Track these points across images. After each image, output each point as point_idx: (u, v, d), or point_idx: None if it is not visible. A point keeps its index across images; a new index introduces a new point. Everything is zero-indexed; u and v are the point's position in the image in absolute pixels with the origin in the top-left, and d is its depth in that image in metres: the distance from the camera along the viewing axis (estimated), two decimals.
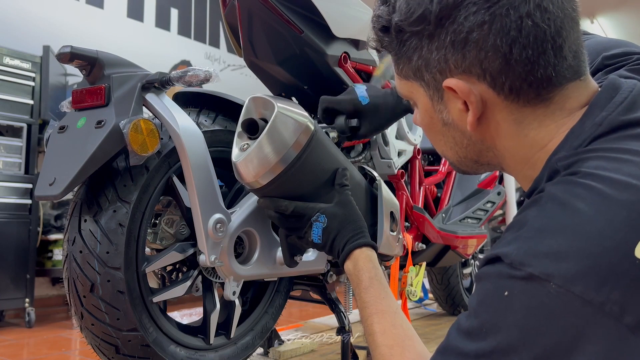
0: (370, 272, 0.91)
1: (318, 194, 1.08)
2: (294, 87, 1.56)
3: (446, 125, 0.74)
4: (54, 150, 1.14)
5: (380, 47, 0.77)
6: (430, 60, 0.69)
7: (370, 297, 0.88)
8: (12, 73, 3.19)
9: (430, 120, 0.76)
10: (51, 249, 3.44)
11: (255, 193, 1.14)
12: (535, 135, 0.68)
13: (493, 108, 0.69)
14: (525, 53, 0.64)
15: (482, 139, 0.72)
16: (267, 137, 1.04)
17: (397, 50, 0.73)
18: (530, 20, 0.63)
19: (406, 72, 0.74)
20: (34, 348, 2.67)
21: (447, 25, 0.66)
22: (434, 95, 0.72)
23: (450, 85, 0.68)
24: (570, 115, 0.67)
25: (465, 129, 0.72)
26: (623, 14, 6.56)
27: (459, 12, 0.64)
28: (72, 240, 1.15)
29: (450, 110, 0.72)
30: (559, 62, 0.65)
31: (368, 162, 1.69)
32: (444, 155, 0.81)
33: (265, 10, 1.37)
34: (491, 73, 0.65)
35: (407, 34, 0.70)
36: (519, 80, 0.65)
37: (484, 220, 2.21)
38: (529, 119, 0.68)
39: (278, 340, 1.77)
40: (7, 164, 3.14)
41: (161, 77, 1.17)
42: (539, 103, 0.67)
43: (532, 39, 0.63)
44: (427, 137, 0.82)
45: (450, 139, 0.76)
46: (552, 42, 0.64)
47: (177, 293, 1.24)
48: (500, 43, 0.64)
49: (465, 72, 0.67)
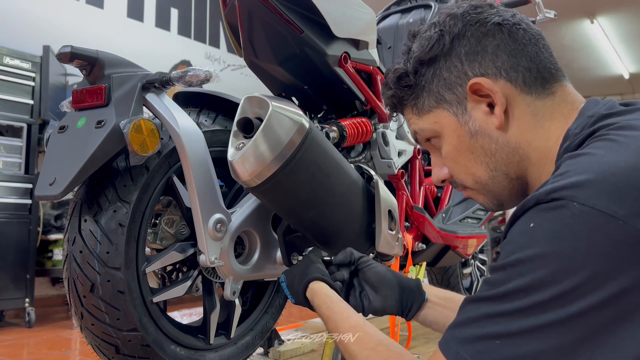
0: (325, 303, 0.96)
1: (316, 193, 1.08)
2: (294, 87, 1.56)
3: (474, 136, 0.79)
4: (54, 150, 1.14)
5: (397, 101, 0.86)
6: (450, 78, 0.79)
7: (333, 324, 0.92)
8: (12, 73, 3.19)
9: (458, 140, 0.81)
10: (51, 249, 3.44)
11: (252, 192, 1.14)
12: (549, 126, 0.77)
13: (513, 103, 0.77)
14: (526, 49, 0.77)
15: (508, 140, 0.78)
16: (262, 135, 1.05)
17: (416, 88, 0.83)
18: (520, 27, 0.79)
19: (428, 104, 0.82)
20: (34, 348, 2.67)
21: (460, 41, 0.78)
22: (458, 109, 0.80)
23: (477, 81, 0.76)
24: (572, 110, 0.77)
25: (492, 132, 0.78)
26: (623, 14, 6.56)
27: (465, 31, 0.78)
28: (72, 240, 1.15)
29: (475, 117, 0.79)
30: (553, 60, 0.79)
31: (368, 162, 1.69)
32: (477, 180, 0.83)
33: (265, 10, 1.37)
34: (505, 69, 0.77)
35: (425, 65, 0.81)
36: (528, 73, 0.77)
37: (484, 220, 2.21)
38: (542, 111, 0.77)
39: (278, 340, 1.77)
40: (7, 164, 3.14)
41: (161, 77, 1.17)
42: (546, 97, 0.77)
43: (527, 39, 0.78)
44: (457, 169, 0.84)
45: (479, 151, 0.80)
46: (542, 42, 0.79)
47: (177, 293, 1.24)
48: (506, 44, 0.77)
49: (484, 75, 0.77)
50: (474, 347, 0.62)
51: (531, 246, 0.60)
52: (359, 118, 1.60)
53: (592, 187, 0.59)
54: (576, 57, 7.50)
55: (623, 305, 0.56)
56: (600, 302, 0.56)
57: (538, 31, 0.80)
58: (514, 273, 0.61)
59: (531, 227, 0.61)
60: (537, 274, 0.59)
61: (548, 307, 0.58)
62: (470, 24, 0.79)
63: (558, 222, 0.59)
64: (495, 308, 0.62)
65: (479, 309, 0.64)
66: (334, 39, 1.46)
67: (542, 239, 0.60)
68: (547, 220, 0.60)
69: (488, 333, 0.61)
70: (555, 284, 0.58)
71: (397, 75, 0.84)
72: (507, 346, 0.60)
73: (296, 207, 1.16)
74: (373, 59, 1.61)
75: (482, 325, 0.62)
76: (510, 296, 0.61)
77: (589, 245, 0.57)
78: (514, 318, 0.60)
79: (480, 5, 0.81)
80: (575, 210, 0.58)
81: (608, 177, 0.59)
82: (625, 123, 0.67)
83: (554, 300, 0.58)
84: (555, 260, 0.58)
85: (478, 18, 0.79)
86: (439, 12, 0.84)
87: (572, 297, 0.57)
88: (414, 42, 0.84)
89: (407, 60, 0.84)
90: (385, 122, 1.68)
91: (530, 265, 0.60)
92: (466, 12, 0.80)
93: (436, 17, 0.83)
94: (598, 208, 0.57)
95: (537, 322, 0.58)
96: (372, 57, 1.61)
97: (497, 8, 0.81)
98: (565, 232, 0.58)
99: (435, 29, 0.81)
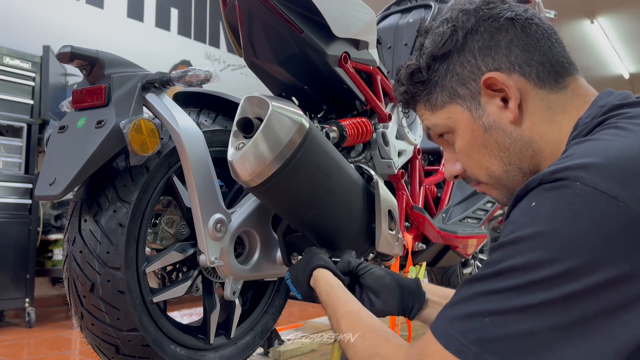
0: (324, 290, 0.97)
1: (316, 193, 1.08)
2: (294, 87, 1.56)
3: (488, 130, 0.79)
4: (54, 150, 1.14)
5: (409, 98, 0.85)
6: (463, 73, 0.80)
7: (331, 310, 0.93)
8: (12, 73, 3.19)
9: (472, 134, 0.81)
10: (51, 249, 3.44)
11: (252, 192, 1.14)
12: (562, 119, 0.77)
13: (526, 97, 0.77)
14: (539, 44, 0.78)
15: (521, 134, 0.78)
16: (262, 135, 1.05)
17: (429, 84, 0.83)
18: (533, 22, 0.79)
19: (441, 99, 0.82)
20: (34, 348, 2.67)
21: (473, 36, 0.79)
22: (472, 104, 0.80)
23: (491, 75, 0.77)
24: (585, 103, 0.77)
25: (506, 127, 0.78)
26: (623, 14, 6.56)
27: (479, 26, 0.79)
28: (72, 240, 1.14)
29: (489, 111, 0.79)
30: (566, 54, 0.80)
31: (368, 162, 1.69)
32: (491, 175, 0.82)
33: (265, 10, 1.37)
34: (518, 63, 0.77)
35: (438, 60, 0.81)
36: (541, 67, 0.77)
37: (484, 220, 2.21)
38: (555, 105, 0.77)
39: (278, 340, 1.77)
40: (7, 164, 3.14)
41: (161, 77, 1.17)
42: (559, 90, 0.78)
43: (540, 34, 0.78)
44: (471, 164, 0.83)
45: (493, 145, 0.80)
46: (554, 36, 0.79)
47: (177, 293, 1.24)
48: (519, 39, 0.78)
49: (497, 69, 0.77)
50: (463, 325, 0.61)
51: (532, 225, 0.60)
52: (359, 118, 1.60)
53: (596, 169, 0.58)
54: (576, 57, 7.32)
55: (620, 291, 0.55)
56: (597, 286, 0.55)
57: (550, 26, 0.80)
58: (511, 251, 0.60)
59: (533, 206, 0.61)
60: (535, 252, 0.58)
61: (543, 287, 0.57)
62: (483, 19, 0.79)
63: (560, 201, 0.58)
64: (489, 286, 0.61)
65: (473, 288, 0.63)
66: (334, 39, 1.46)
67: (543, 218, 0.59)
68: (549, 199, 0.60)
69: (479, 310, 0.60)
70: (552, 263, 0.57)
71: (410, 71, 0.84)
72: (498, 324, 0.58)
73: (296, 207, 1.16)
74: (373, 59, 1.61)
75: (474, 303, 0.61)
76: (505, 274, 0.60)
77: (590, 226, 0.56)
78: (507, 296, 0.59)
79: (492, 0, 0.81)
80: (578, 190, 0.57)
81: (613, 161, 0.58)
82: (637, 113, 0.67)
83: (550, 280, 0.57)
84: (555, 239, 0.57)
85: (491, 13, 0.79)
86: (449, 9, 0.84)
87: (569, 277, 0.56)
88: (426, 38, 0.84)
89: (420, 56, 0.84)
90: (385, 122, 1.68)
91: (530, 243, 0.59)
92: (479, 8, 0.80)
93: (448, 13, 0.83)
94: (601, 189, 0.56)
95: (530, 300, 0.57)
96: (372, 57, 1.61)
97: (509, 3, 0.81)
98: (566, 212, 0.57)
99: (448, 24, 0.81)
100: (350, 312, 0.87)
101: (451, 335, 0.61)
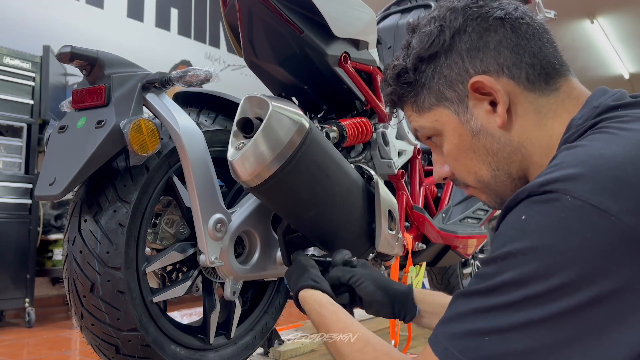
0: (314, 310, 0.95)
1: (316, 193, 1.08)
2: (294, 87, 1.56)
3: (476, 135, 0.78)
4: (54, 150, 1.14)
5: (396, 98, 0.84)
6: (451, 75, 0.77)
7: (325, 329, 0.91)
8: (12, 73, 3.19)
9: (460, 139, 0.79)
10: (51, 249, 3.44)
11: (252, 192, 1.14)
12: (552, 123, 0.74)
13: (515, 101, 0.75)
14: (529, 45, 0.75)
15: (510, 139, 0.76)
16: (262, 135, 1.05)
17: (416, 85, 0.81)
18: (523, 21, 0.76)
19: (428, 101, 0.80)
20: (34, 348, 2.67)
21: (461, 37, 0.76)
22: (459, 108, 0.78)
23: (478, 79, 0.74)
24: (577, 106, 0.74)
25: (494, 131, 0.76)
26: (623, 14, 6.56)
27: (467, 26, 0.76)
28: (72, 240, 1.14)
29: (477, 115, 0.77)
30: (557, 55, 0.77)
31: (368, 162, 1.69)
32: (479, 179, 0.81)
33: (265, 10, 1.37)
34: (507, 66, 0.74)
35: (424, 61, 0.79)
36: (531, 69, 0.75)
37: (484, 220, 2.21)
38: (546, 109, 0.75)
39: (278, 340, 1.77)
40: (7, 164, 3.14)
41: (161, 77, 1.17)
42: (550, 93, 0.75)
43: (530, 34, 0.76)
44: (459, 168, 0.82)
45: (481, 150, 0.78)
46: (546, 36, 0.77)
47: (177, 293, 1.24)
48: (508, 40, 0.75)
49: (485, 72, 0.75)
50: (462, 342, 0.61)
51: (522, 239, 0.59)
52: (359, 118, 1.60)
53: (585, 180, 0.57)
54: (576, 57, 7.50)
55: (615, 305, 0.55)
56: (592, 300, 0.55)
57: (542, 25, 0.78)
58: (504, 266, 0.60)
59: (523, 220, 0.60)
60: (528, 267, 0.58)
61: (539, 302, 0.56)
62: (471, 18, 0.76)
63: (550, 215, 0.58)
64: (485, 302, 0.60)
65: (469, 303, 0.62)
66: (334, 39, 1.46)
67: (534, 232, 0.58)
68: (539, 213, 0.59)
69: (477, 328, 0.60)
70: (546, 278, 0.56)
71: (397, 72, 0.82)
72: (497, 342, 0.58)
73: (296, 207, 1.16)
74: (373, 59, 1.61)
75: (471, 320, 0.61)
76: (500, 290, 0.59)
77: (582, 240, 0.55)
78: (503, 313, 0.58)
79: None
80: (568, 204, 0.56)
81: (603, 171, 0.57)
82: (631, 116, 0.65)
83: (545, 295, 0.56)
84: (547, 254, 0.57)
85: (480, 12, 0.76)
86: (438, 6, 0.82)
87: (563, 292, 0.56)
88: (413, 37, 0.81)
89: (407, 55, 0.81)
90: (385, 122, 1.68)
91: (522, 258, 0.58)
92: (467, 6, 0.77)
93: (436, 11, 0.80)
94: (592, 203, 0.56)
95: (527, 317, 0.57)
96: (372, 57, 1.61)
97: (500, 1, 0.78)
98: (557, 226, 0.57)
99: (435, 23, 0.78)
100: (343, 327, 0.86)
101: (452, 354, 0.61)
